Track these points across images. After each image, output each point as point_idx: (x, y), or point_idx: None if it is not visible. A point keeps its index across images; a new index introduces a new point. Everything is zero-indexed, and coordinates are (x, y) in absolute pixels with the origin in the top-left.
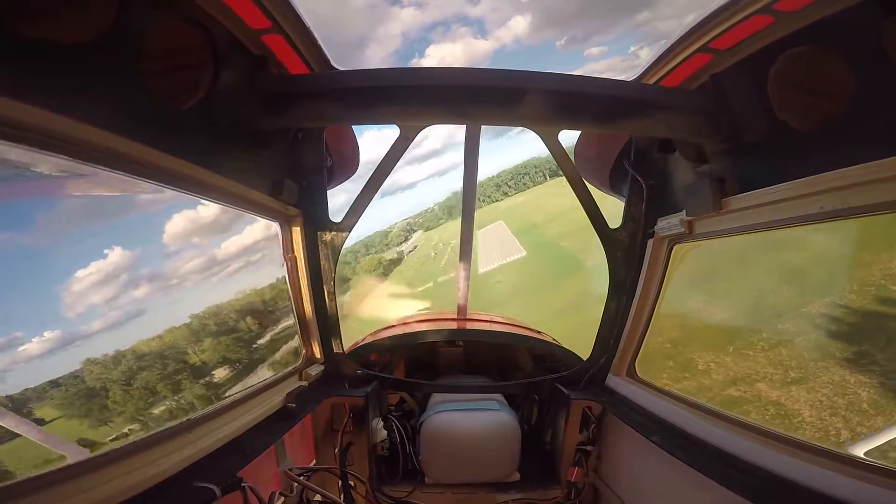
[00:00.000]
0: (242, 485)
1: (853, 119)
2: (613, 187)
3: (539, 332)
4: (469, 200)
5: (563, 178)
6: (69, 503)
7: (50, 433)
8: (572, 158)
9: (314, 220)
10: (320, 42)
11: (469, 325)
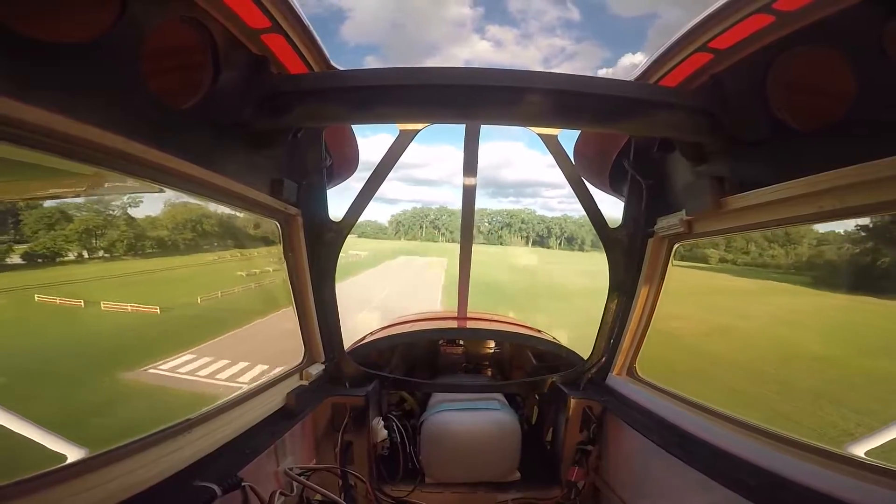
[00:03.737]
0: (243, 484)
1: (853, 119)
2: (613, 187)
3: (539, 332)
4: (468, 201)
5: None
6: (69, 503)
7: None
8: (572, 159)
9: (314, 219)
10: (320, 42)
11: (469, 325)
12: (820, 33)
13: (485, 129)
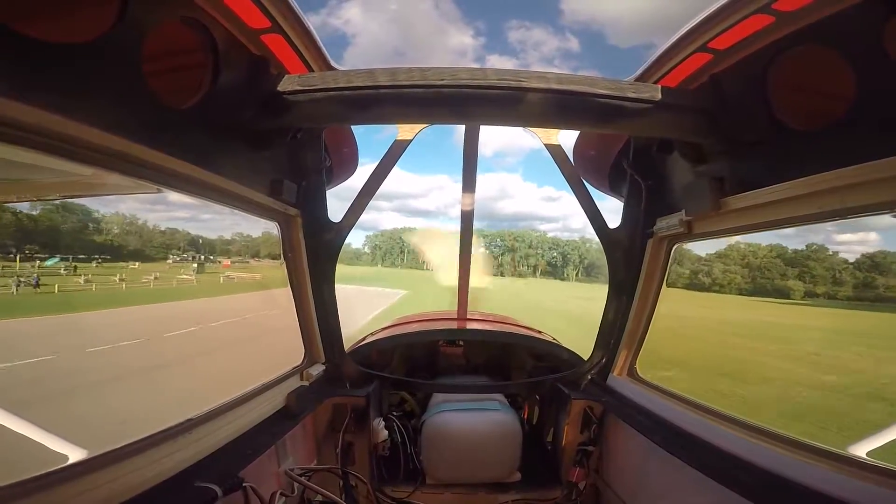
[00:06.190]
0: (244, 485)
1: (853, 119)
2: (612, 187)
3: (539, 332)
4: (467, 202)
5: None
6: (69, 503)
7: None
8: (571, 159)
9: (313, 220)
10: (320, 42)
11: (469, 325)
12: (820, 33)
13: (482, 161)
